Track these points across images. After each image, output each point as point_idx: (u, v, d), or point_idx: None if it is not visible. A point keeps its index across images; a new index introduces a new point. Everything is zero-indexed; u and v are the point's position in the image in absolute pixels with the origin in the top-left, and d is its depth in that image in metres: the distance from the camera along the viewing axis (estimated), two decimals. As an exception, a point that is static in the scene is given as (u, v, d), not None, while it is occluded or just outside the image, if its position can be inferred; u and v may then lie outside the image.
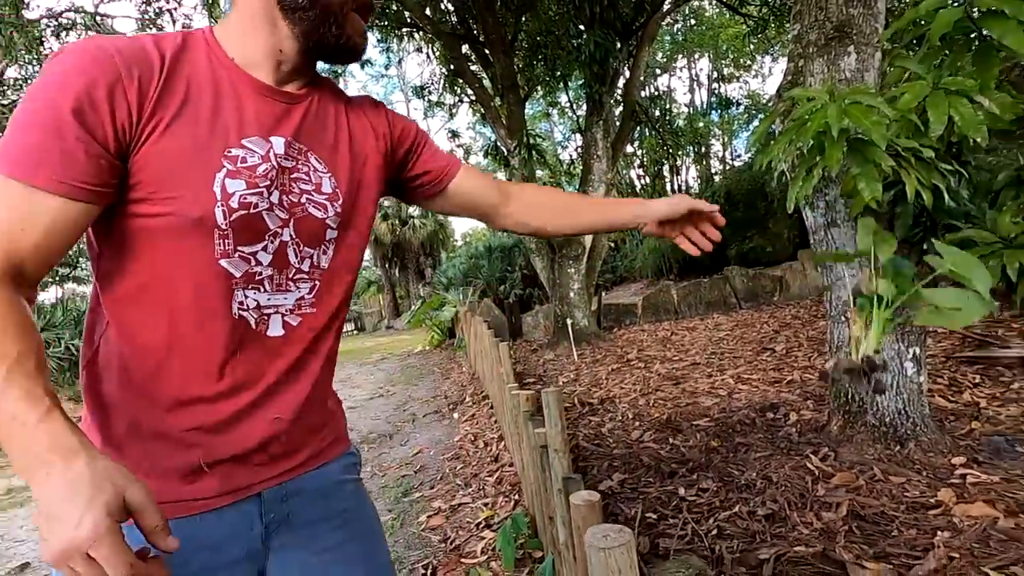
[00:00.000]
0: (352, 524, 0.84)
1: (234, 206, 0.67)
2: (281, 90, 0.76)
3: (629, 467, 2.72)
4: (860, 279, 0.96)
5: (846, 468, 2.26)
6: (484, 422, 4.20)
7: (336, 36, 0.76)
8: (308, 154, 0.77)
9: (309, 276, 0.77)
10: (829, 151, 1.47)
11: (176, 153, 0.65)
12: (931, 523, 1.81)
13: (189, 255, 0.67)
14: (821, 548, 1.75)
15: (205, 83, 0.69)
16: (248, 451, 0.73)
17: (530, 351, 7.34)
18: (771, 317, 6.78)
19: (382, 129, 0.88)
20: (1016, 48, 1.45)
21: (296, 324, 0.76)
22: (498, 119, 6.84)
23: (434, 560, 2.23)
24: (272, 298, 0.73)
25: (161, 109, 0.65)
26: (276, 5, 0.73)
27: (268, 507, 0.75)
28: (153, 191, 0.64)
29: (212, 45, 0.72)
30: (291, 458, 0.78)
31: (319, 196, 0.77)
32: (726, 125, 16.64)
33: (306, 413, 0.79)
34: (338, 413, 0.90)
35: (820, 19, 2.29)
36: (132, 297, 0.68)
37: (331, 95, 0.84)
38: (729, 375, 4.24)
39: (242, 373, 0.72)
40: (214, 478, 0.71)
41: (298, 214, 0.74)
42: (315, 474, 0.81)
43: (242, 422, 0.72)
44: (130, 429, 0.69)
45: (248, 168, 0.69)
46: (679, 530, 2.04)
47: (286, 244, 0.73)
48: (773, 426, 2.92)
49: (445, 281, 16.46)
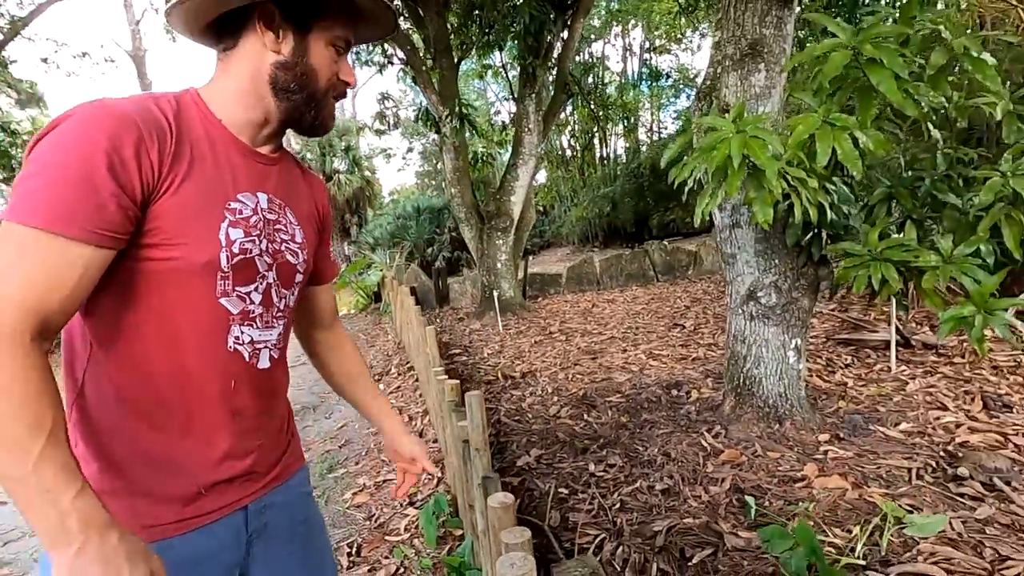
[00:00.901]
0: (311, 530, 1.00)
1: (235, 251, 0.78)
2: (260, 152, 0.87)
3: (546, 443, 2.93)
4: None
5: (733, 445, 2.56)
6: (409, 395, 4.30)
7: (313, 117, 0.87)
8: (285, 208, 0.89)
9: (284, 315, 0.90)
10: (731, 178, 1.63)
11: (188, 205, 0.74)
12: (796, 494, 2.12)
13: (193, 293, 0.76)
14: (705, 520, 2.01)
15: (204, 143, 0.78)
16: (238, 474, 0.83)
17: (456, 320, 7.44)
18: (684, 292, 7.24)
19: (322, 204, 1.02)
20: (889, 94, 1.66)
21: (277, 357, 0.88)
22: (429, 84, 6.67)
23: (359, 538, 2.33)
24: (263, 334, 0.84)
25: (176, 166, 0.73)
26: (268, 84, 0.82)
27: (252, 518, 0.87)
28: (167, 238, 0.72)
29: (202, 107, 0.81)
30: (267, 475, 0.90)
31: (294, 245, 0.90)
32: (655, 97, 17.03)
33: (276, 437, 0.93)
34: (294, 432, 1.03)
35: (737, 35, 2.44)
36: (134, 330, 0.74)
37: (293, 161, 0.97)
38: (642, 350, 4.56)
39: (239, 402, 0.82)
40: (210, 499, 0.80)
41: (280, 260, 0.86)
42: (283, 488, 0.94)
43: (236, 449, 0.83)
44: (134, 457, 0.76)
45: (244, 219, 0.80)
46: (587, 504, 2.26)
47: (271, 286, 0.85)
48: (676, 403, 3.22)
49: (372, 241, 16.08)
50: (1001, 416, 2.50)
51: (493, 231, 7.05)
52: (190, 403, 0.77)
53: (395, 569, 2.04)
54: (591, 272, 8.83)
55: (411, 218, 15.92)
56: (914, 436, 2.43)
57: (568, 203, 16.90)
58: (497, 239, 7.05)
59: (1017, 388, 2.77)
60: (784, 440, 2.54)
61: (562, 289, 8.72)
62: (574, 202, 16.17)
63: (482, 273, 7.27)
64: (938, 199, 2.25)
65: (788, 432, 2.59)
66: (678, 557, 1.84)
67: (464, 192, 7.22)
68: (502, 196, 7.10)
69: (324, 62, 0.84)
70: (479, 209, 7.32)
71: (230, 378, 0.80)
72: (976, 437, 2.34)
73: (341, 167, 21.39)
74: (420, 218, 15.78)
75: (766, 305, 2.65)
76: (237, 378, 0.81)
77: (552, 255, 17.26)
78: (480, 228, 7.20)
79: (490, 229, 7.08)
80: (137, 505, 0.75)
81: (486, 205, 7.24)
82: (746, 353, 2.74)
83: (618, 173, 15.16)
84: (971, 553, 1.66)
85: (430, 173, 26.63)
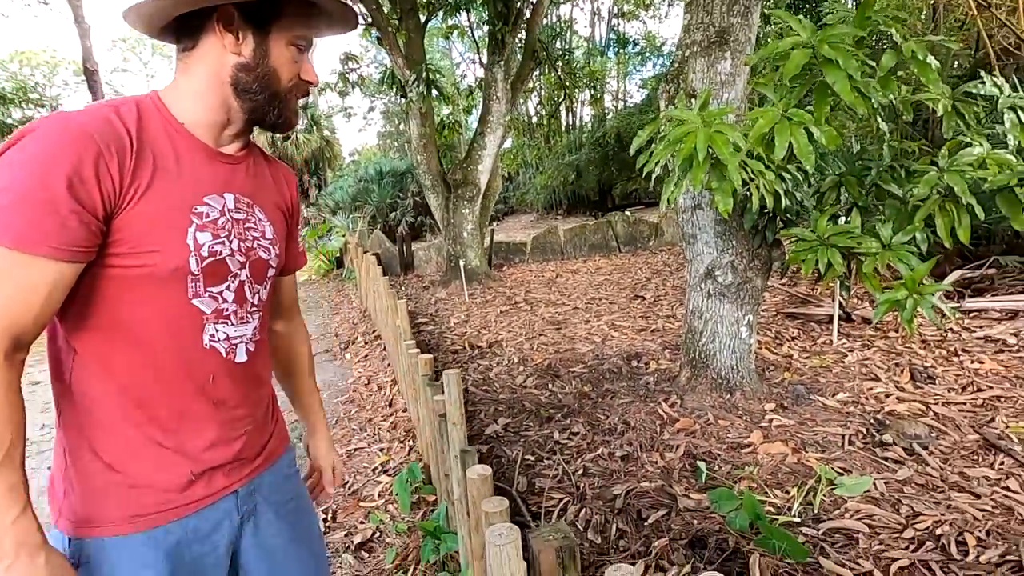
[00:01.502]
0: (299, 509, 1.05)
1: (204, 255, 0.80)
2: (224, 152, 0.88)
3: (513, 412, 3.06)
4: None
5: (688, 414, 2.75)
6: (377, 365, 4.35)
7: (277, 115, 0.89)
8: (253, 207, 0.91)
9: (259, 308, 0.93)
10: (695, 171, 1.73)
11: (153, 214, 0.76)
12: (743, 459, 2.32)
13: (164, 298, 0.78)
14: (661, 483, 2.19)
15: (166, 149, 0.79)
16: (226, 460, 0.88)
17: (422, 288, 7.46)
18: (645, 263, 7.46)
19: (291, 195, 1.04)
20: (842, 94, 1.78)
21: (254, 349, 0.91)
22: (395, 46, 6.48)
23: (333, 504, 2.42)
24: (238, 329, 0.87)
25: (138, 177, 0.74)
26: (230, 86, 0.83)
27: (242, 501, 0.91)
28: (134, 247, 0.75)
29: (162, 111, 0.81)
30: (255, 459, 0.95)
31: (265, 241, 0.92)
32: (622, 65, 16.96)
33: (262, 422, 0.97)
34: (279, 415, 1.07)
35: (705, 22, 2.51)
36: (109, 334, 0.77)
37: (261, 157, 0.98)
38: (604, 321, 4.73)
39: (220, 396, 0.86)
40: (201, 485, 0.85)
41: (252, 257, 0.89)
42: (271, 470, 0.99)
43: (223, 437, 0.87)
44: (128, 451, 0.80)
45: (211, 222, 0.82)
46: (552, 470, 2.41)
47: (244, 283, 0.87)
48: (636, 374, 3.39)
49: (332, 204, 15.72)
50: (925, 387, 2.76)
51: (459, 200, 7.04)
52: (173, 399, 0.81)
53: (371, 533, 2.14)
54: (555, 242, 8.95)
55: (373, 181, 15.61)
56: (849, 405, 2.66)
57: (533, 170, 16.87)
58: (463, 208, 7.04)
59: (941, 361, 3.04)
60: (734, 409, 2.74)
61: (527, 258, 8.82)
62: (539, 169, 16.15)
63: (448, 242, 7.28)
64: (882, 189, 2.41)
65: (738, 402, 2.79)
66: (635, 518, 2.01)
67: (430, 159, 7.14)
68: (469, 165, 7.06)
69: (285, 62, 0.85)
70: (445, 177, 7.27)
71: (208, 374, 0.84)
72: (902, 406, 2.59)
73: (299, 125, 20.60)
74: (383, 181, 15.49)
75: (723, 283, 2.81)
76: (215, 373, 0.85)
77: (516, 222, 17.30)
78: (446, 196, 7.17)
79: (456, 198, 7.06)
80: (134, 496, 0.79)
81: (452, 173, 7.19)
82: (703, 328, 2.91)
83: (583, 141, 15.18)
84: (890, 510, 1.88)
85: (393, 134, 25.95)
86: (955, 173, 2.10)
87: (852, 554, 1.70)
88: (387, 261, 8.97)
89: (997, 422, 2.36)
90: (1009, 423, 2.33)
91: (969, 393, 2.66)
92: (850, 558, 1.68)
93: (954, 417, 2.44)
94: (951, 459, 2.15)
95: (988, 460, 2.11)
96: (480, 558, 1.39)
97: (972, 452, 2.18)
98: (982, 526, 1.74)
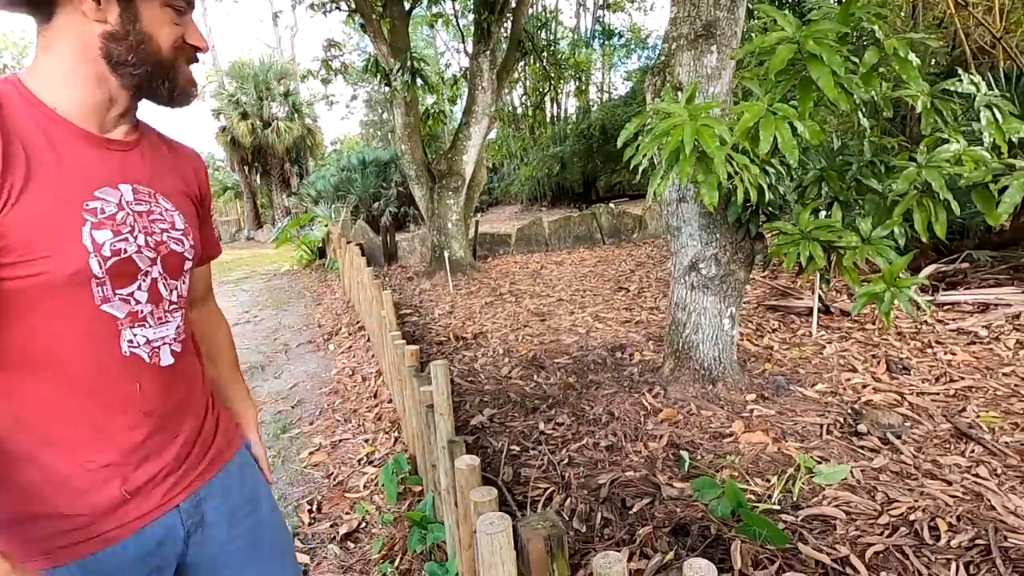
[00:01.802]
0: (257, 510, 0.96)
1: (107, 254, 0.72)
2: (112, 139, 0.79)
3: (498, 403, 3.07)
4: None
5: (671, 404, 2.79)
6: (361, 356, 4.33)
7: (169, 89, 0.80)
8: (156, 196, 0.82)
9: (179, 305, 0.85)
10: (681, 164, 1.74)
11: (36, 215, 0.67)
12: (724, 449, 2.36)
13: (68, 306, 0.71)
14: (645, 473, 2.22)
15: (38, 141, 0.70)
16: (162, 472, 0.81)
17: (406, 278, 7.43)
18: (629, 255, 7.51)
19: (201, 181, 0.96)
20: (826, 89, 1.80)
21: (180, 350, 0.84)
22: (380, 33, 6.39)
23: (318, 495, 2.42)
24: (158, 331, 0.80)
25: (8, 177, 0.66)
26: (103, 60, 0.73)
27: (187, 515, 0.84)
28: (23, 254, 0.67)
29: (27, 97, 0.71)
30: (197, 468, 0.87)
31: (176, 232, 0.84)
32: (607, 57, 16.96)
33: (200, 426, 0.89)
34: (224, 414, 0.99)
35: (692, 15, 2.52)
36: (16, 353, 0.70)
37: (158, 139, 0.89)
38: (589, 313, 4.76)
39: (147, 404, 0.78)
40: (135, 504, 0.77)
41: (163, 251, 0.81)
42: (219, 476, 0.91)
43: (154, 447, 0.80)
44: (50, 478, 0.72)
45: (109, 217, 0.74)
46: (538, 460, 2.42)
47: (157, 280, 0.80)
48: (620, 365, 3.42)
49: (314, 194, 15.51)
50: (901, 378, 2.84)
51: (444, 190, 7.00)
52: (96, 416, 0.74)
53: (357, 524, 2.14)
54: (540, 233, 8.96)
55: (356, 171, 15.42)
56: (827, 396, 2.72)
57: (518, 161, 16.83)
58: (448, 199, 7.00)
59: (916, 353, 3.12)
60: (716, 400, 2.79)
61: (511, 250, 8.82)
62: (524, 161, 16.12)
63: (432, 233, 7.24)
64: (862, 184, 2.46)
65: (720, 392, 2.83)
66: (620, 506, 2.04)
67: (415, 149, 7.08)
68: (454, 155, 7.01)
69: (161, 26, 0.76)
70: (430, 167, 7.21)
71: (133, 383, 0.77)
72: (878, 396, 2.65)
73: (280, 113, 20.27)
74: (366, 171, 15.31)
75: (706, 276, 2.84)
76: (140, 381, 0.77)
77: (501, 213, 17.27)
78: (431, 187, 7.12)
79: (441, 188, 7.02)
80: (57, 525, 0.72)
81: (437, 164, 7.15)
82: (686, 320, 2.94)
83: (568, 133, 15.18)
84: (866, 497, 1.94)
85: (376, 123, 25.66)
86: (933, 169, 2.14)
87: (829, 540, 1.74)
88: (370, 252, 8.89)
89: (968, 411, 2.43)
90: (980, 412, 2.41)
91: (942, 384, 2.73)
92: (827, 543, 1.72)
93: (928, 407, 2.51)
94: (924, 447, 2.21)
95: (959, 448, 2.18)
96: (468, 548, 1.40)
97: (944, 441, 2.25)
98: (953, 512, 1.80)
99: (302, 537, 2.13)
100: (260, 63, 20.47)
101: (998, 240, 4.47)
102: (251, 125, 19.53)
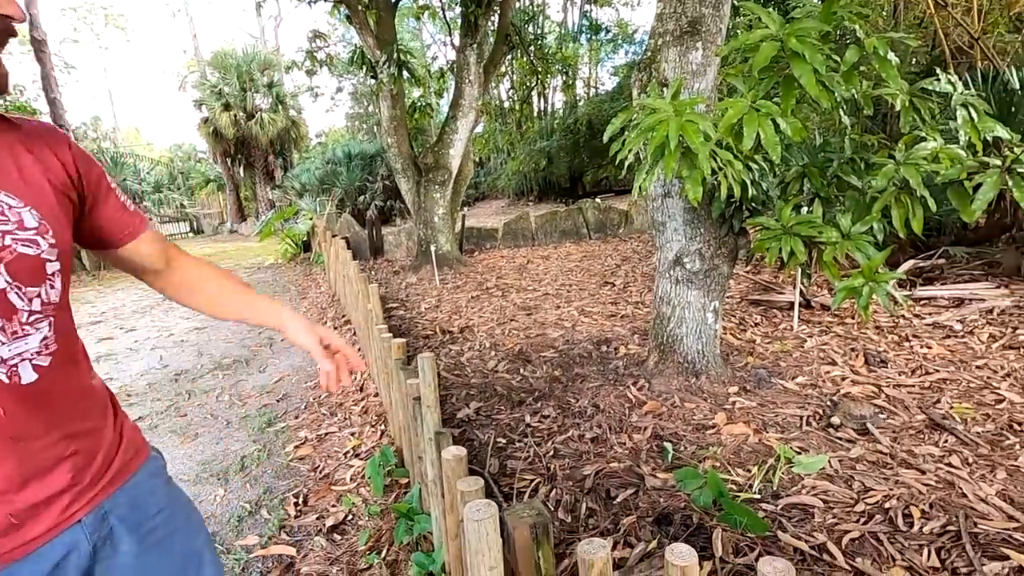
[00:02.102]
0: (171, 521, 0.92)
1: None
2: None
3: (484, 396, 3.09)
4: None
5: (655, 397, 2.82)
6: (348, 349, 4.31)
7: None
8: None
9: (44, 313, 0.75)
10: (666, 160, 1.76)
11: None
12: (707, 440, 2.40)
13: None
14: (629, 464, 2.25)
15: None
16: (54, 493, 0.76)
17: (392, 272, 7.40)
18: (615, 250, 7.55)
19: (67, 160, 0.82)
20: (808, 87, 1.83)
21: (48, 364, 0.75)
22: (366, 25, 6.34)
23: (305, 489, 2.42)
24: (14, 347, 0.71)
25: None
26: None
27: (92, 528, 0.80)
28: None
29: None
30: (99, 482, 0.82)
31: (24, 233, 0.72)
32: (594, 52, 16.97)
33: (97, 438, 0.83)
34: (128, 426, 0.93)
35: (678, 11, 2.54)
36: None
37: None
38: (575, 307, 4.79)
39: (16, 428, 0.72)
40: (28, 527, 0.73)
41: (7, 257, 0.70)
42: (126, 488, 0.86)
43: (36, 472, 0.74)
44: None
45: None
46: (524, 452, 2.45)
47: (5, 291, 0.70)
48: (606, 358, 3.46)
49: (299, 187, 15.37)
50: (878, 371, 2.90)
51: (431, 184, 6.97)
52: None
53: (343, 516, 2.15)
54: (527, 228, 8.98)
55: (341, 164, 15.30)
56: (807, 388, 2.78)
57: (505, 156, 16.82)
58: (435, 192, 6.98)
59: (893, 346, 3.20)
60: (699, 392, 2.83)
61: (498, 244, 8.83)
62: (511, 155, 16.11)
63: (419, 226, 7.22)
64: (843, 180, 2.50)
65: (703, 385, 2.88)
66: (604, 497, 2.07)
67: (401, 143, 7.04)
68: (440, 149, 6.99)
69: None
70: (416, 161, 7.18)
71: None
72: (857, 389, 2.71)
73: (264, 104, 20.01)
74: (351, 164, 15.20)
75: (691, 270, 2.88)
76: (2, 403, 0.70)
77: (487, 207, 17.26)
78: (417, 181, 7.09)
79: (427, 182, 7.00)
80: None
81: (424, 157, 7.12)
82: (670, 314, 2.98)
83: (555, 128, 15.19)
84: (843, 486, 1.99)
85: (361, 116, 25.44)
86: (911, 166, 2.19)
87: (808, 527, 1.79)
88: (356, 245, 8.84)
89: (942, 403, 2.50)
90: (953, 404, 2.48)
91: (918, 376, 2.80)
92: (806, 531, 1.77)
93: (903, 399, 2.58)
94: (900, 438, 2.27)
95: (933, 439, 2.24)
96: (455, 537, 1.42)
97: (919, 431, 2.31)
98: (926, 500, 1.86)
99: (288, 530, 2.13)
100: (243, 53, 20.18)
101: (973, 236, 4.58)
102: (234, 116, 19.26)
